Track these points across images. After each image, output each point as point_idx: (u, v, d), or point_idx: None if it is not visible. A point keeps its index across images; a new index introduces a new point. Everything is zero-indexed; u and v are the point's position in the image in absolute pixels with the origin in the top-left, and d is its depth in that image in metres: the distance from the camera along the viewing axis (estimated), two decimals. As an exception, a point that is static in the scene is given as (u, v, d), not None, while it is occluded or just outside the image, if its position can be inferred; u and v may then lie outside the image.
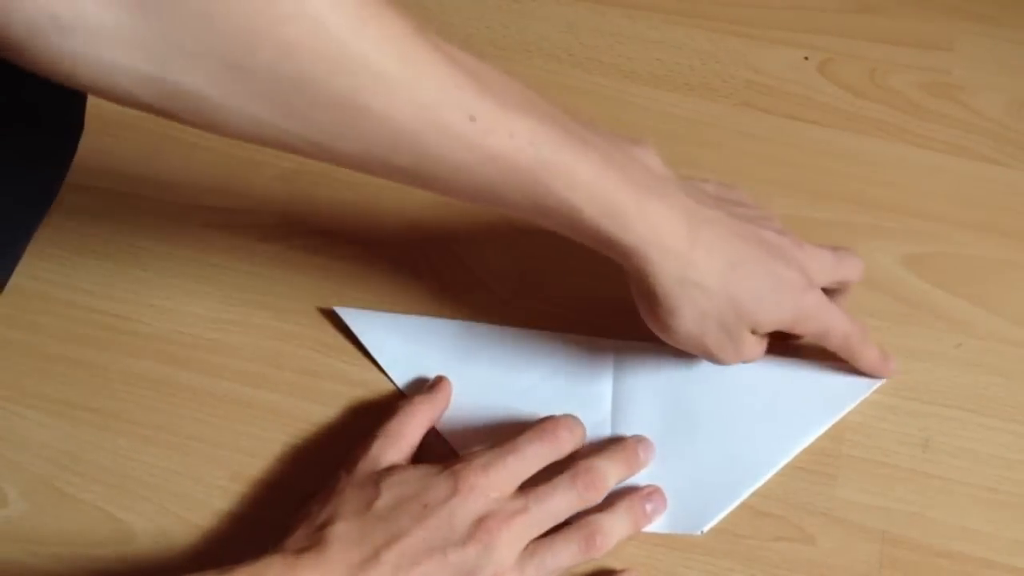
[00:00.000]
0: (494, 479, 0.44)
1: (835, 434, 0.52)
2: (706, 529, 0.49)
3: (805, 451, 0.51)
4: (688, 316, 0.46)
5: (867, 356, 0.51)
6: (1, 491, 0.50)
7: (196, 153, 0.62)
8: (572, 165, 0.43)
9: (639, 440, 0.50)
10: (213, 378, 0.54)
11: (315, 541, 0.42)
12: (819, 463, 0.51)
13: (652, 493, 0.49)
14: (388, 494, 0.44)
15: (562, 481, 0.45)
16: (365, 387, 0.54)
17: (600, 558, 0.46)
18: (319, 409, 0.53)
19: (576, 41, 0.68)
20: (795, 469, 0.51)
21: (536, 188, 0.43)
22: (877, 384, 0.53)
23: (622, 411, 0.52)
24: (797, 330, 0.49)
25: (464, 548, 0.42)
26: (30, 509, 0.49)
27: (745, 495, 0.50)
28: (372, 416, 0.52)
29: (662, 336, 0.48)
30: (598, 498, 0.46)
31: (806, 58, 0.67)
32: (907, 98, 0.65)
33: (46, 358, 0.54)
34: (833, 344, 0.50)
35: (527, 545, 0.44)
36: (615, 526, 0.47)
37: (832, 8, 0.70)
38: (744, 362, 0.49)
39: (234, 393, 0.53)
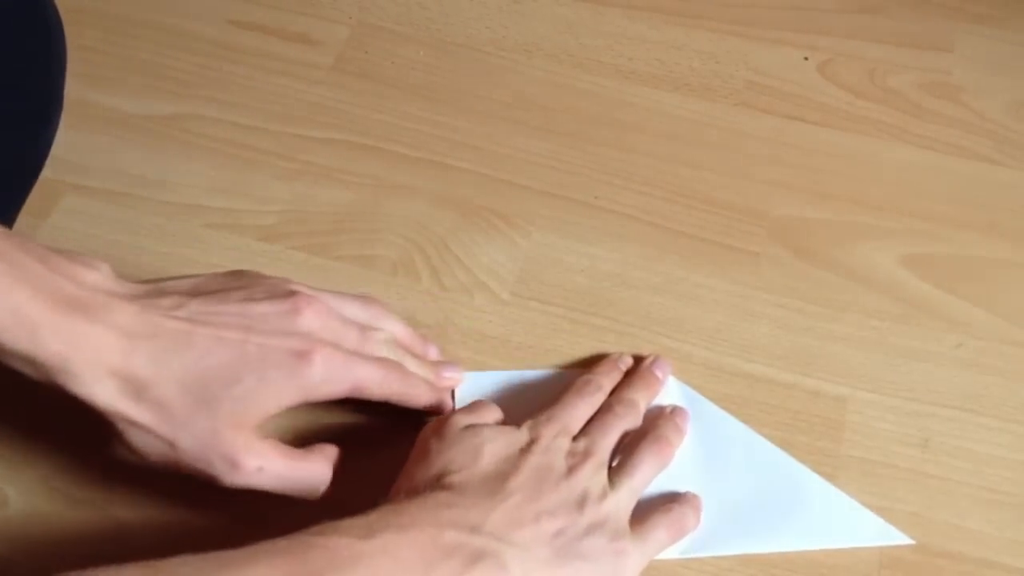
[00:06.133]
0: (560, 425, 0.48)
1: (835, 434, 0.52)
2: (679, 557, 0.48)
3: (805, 451, 0.51)
4: (146, 430, 0.43)
5: (416, 395, 0.49)
6: (1, 491, 0.50)
7: (196, 153, 0.62)
8: None
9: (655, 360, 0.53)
10: (213, 378, 0.54)
11: (440, 488, 0.44)
12: (819, 463, 0.51)
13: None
14: (489, 447, 0.46)
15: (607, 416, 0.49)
16: (365, 387, 0.53)
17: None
18: (318, 408, 0.52)
19: (576, 41, 0.68)
20: (795, 469, 0.51)
21: None
22: (891, 542, 0.49)
23: None
24: (314, 399, 0.46)
25: (567, 479, 0.45)
26: (30, 509, 0.49)
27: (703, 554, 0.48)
28: (371, 416, 0.52)
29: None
30: (639, 420, 0.50)
31: (806, 58, 0.67)
32: (907, 98, 0.65)
33: (46, 358, 0.54)
34: (377, 396, 0.48)
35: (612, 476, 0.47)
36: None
37: (832, 8, 0.70)
38: (262, 463, 0.45)
39: (234, 393, 0.53)
